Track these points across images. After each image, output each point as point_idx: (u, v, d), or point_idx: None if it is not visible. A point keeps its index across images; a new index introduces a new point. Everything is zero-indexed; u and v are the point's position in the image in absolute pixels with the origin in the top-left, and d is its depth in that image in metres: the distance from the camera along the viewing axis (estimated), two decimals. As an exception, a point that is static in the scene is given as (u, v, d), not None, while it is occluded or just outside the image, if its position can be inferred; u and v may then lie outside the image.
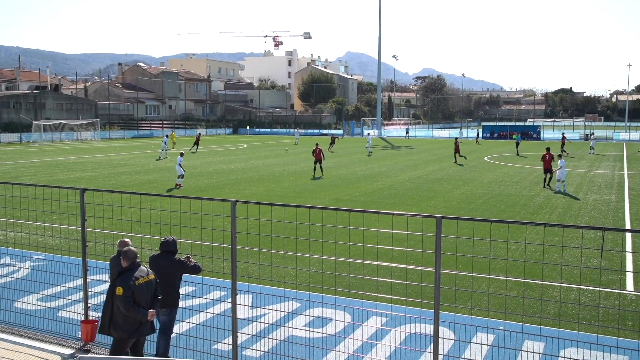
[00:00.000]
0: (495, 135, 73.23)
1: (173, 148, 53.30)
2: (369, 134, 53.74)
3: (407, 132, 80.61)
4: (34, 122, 64.43)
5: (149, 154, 47.15)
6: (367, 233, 14.04)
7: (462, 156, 38.72)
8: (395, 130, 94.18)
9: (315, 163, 30.68)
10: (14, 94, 76.27)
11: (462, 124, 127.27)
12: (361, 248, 12.58)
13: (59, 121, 67.08)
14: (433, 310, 6.36)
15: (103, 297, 9.70)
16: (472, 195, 22.94)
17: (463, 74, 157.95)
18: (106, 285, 8.07)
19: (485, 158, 42.49)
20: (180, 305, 7.67)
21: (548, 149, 26.41)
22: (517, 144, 47.05)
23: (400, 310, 9.20)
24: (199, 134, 54.37)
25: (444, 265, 11.25)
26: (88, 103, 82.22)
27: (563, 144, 47.69)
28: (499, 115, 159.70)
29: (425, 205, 20.39)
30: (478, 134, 67.89)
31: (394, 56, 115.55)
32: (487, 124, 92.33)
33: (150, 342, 8.02)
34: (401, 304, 9.45)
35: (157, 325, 7.57)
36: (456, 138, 45.06)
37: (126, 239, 7.83)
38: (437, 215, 6.24)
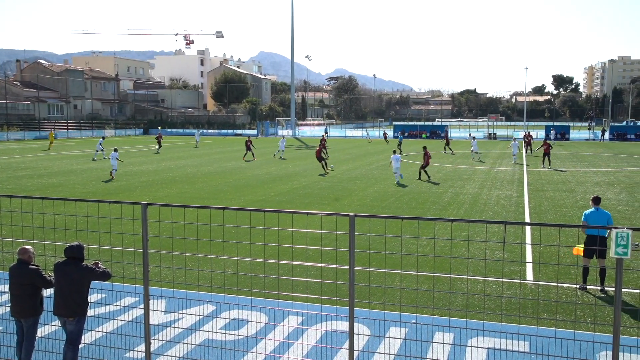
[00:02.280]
0: (406, 134, 75.56)
1: (49, 149, 51.95)
2: (283, 137, 51.70)
3: (325, 132, 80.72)
4: None
5: (52, 155, 44.71)
6: (282, 233, 14.06)
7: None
8: (309, 130, 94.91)
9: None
10: None
11: (374, 124, 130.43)
12: (276, 248, 12.58)
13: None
14: (348, 307, 6.47)
15: (4, 309, 9.11)
16: (384, 193, 23.55)
17: (374, 75, 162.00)
18: (6, 296, 7.58)
19: (397, 157, 43.68)
20: (88, 313, 7.34)
21: (425, 147, 29.24)
22: (400, 144, 49.25)
23: (316, 309, 9.29)
24: (160, 133, 54.58)
25: (357, 263, 11.51)
26: (-17, 102, 76.79)
27: (529, 143, 48.59)
28: (409, 115, 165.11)
29: (340, 204, 20.69)
30: (385, 133, 69.71)
31: (307, 56, 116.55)
32: (398, 123, 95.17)
33: (57, 354, 7.62)
34: (317, 303, 9.55)
35: (65, 335, 7.22)
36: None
37: (27, 246, 7.41)
38: (350, 214, 6.35)
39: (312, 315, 9.04)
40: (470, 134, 42.80)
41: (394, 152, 30.65)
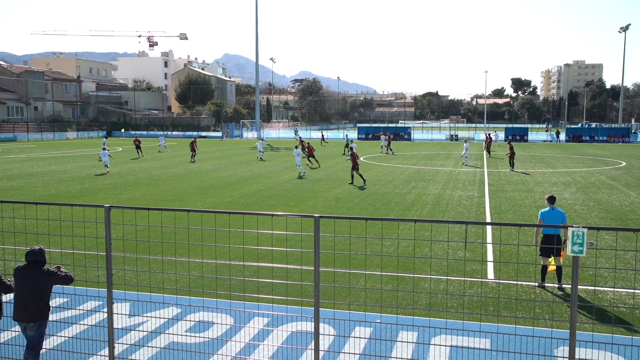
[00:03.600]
0: (370, 136, 76.12)
1: None
2: (262, 139, 51.35)
3: (296, 133, 79.65)
4: None
5: (12, 158, 43.44)
6: (247, 235, 14.00)
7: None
8: (274, 131, 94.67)
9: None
10: None
11: (338, 126, 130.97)
12: (242, 250, 12.51)
13: None
14: (313, 308, 6.48)
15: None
16: (349, 194, 23.66)
17: (338, 77, 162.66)
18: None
19: (361, 158, 44.01)
20: (50, 318, 7.16)
21: (352, 149, 29.75)
22: (347, 145, 49.70)
23: (282, 310, 9.27)
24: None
25: (323, 264, 11.53)
26: (-62, 103, 74.09)
27: (489, 144, 49.22)
28: (373, 117, 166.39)
29: (305, 206, 20.70)
30: (323, 136, 70.29)
31: (271, 59, 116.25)
32: (362, 125, 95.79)
33: (17, 361, 7.41)
34: (282, 304, 9.53)
35: (25, 341, 7.02)
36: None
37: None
38: (315, 215, 6.37)
39: (278, 317, 9.02)
40: (466, 140, 43.23)
41: (296, 147, 33.79)
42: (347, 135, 57.02)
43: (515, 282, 11.32)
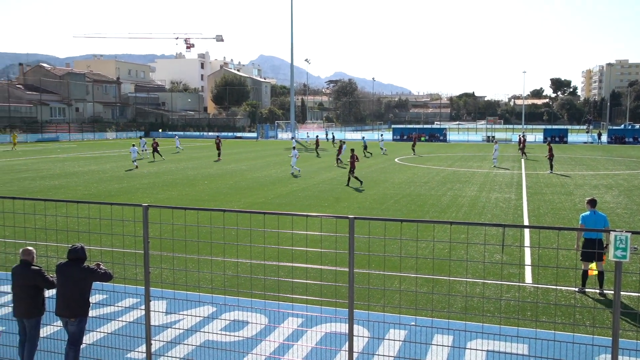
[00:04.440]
0: (405, 137, 75.61)
1: (13, 148, 55.77)
2: (293, 138, 53.55)
3: (326, 135, 78.65)
4: None
5: (54, 158, 44.70)
6: (282, 235, 14.06)
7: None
8: (309, 132, 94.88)
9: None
10: None
11: (373, 127, 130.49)
12: (276, 250, 12.58)
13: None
14: (347, 309, 6.47)
15: (6, 310, 9.09)
16: (383, 196, 23.54)
17: (373, 78, 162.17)
18: (9, 297, 7.58)
19: (396, 159, 43.76)
20: (90, 314, 7.34)
21: (352, 150, 28.68)
22: (365, 147, 49.24)
23: (316, 311, 9.28)
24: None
25: (357, 265, 11.50)
26: (-15, 104, 76.81)
27: (524, 145, 48.45)
28: (408, 118, 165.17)
29: (339, 207, 20.69)
30: (333, 136, 69.54)
31: (306, 60, 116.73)
32: (397, 126, 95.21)
33: (58, 355, 7.61)
34: (316, 304, 9.54)
35: (66, 336, 7.21)
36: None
37: (30, 248, 7.41)
38: (350, 216, 6.35)
39: (312, 317, 9.04)
40: (496, 142, 42.34)
41: (294, 148, 35.14)
42: (363, 137, 57.05)
43: (554, 287, 11.07)
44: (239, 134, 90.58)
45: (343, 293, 10.07)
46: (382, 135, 62.05)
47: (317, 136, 55.18)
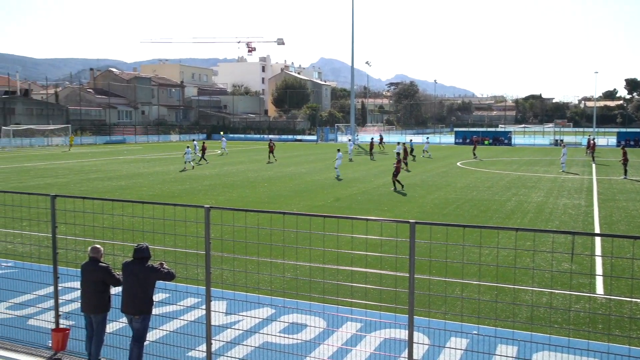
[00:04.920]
0: (467, 141, 74.14)
1: (69, 150, 59.64)
2: (350, 140, 54.54)
3: (381, 140, 77.39)
4: (2, 127, 63.10)
5: (121, 159, 46.52)
6: (342, 239, 14.05)
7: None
8: (369, 136, 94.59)
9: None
10: (-19, 99, 74.59)
11: (434, 130, 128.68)
12: (336, 254, 12.58)
13: (29, 126, 65.83)
14: (407, 315, 6.38)
15: (74, 305, 9.52)
16: (445, 200, 23.15)
17: (435, 80, 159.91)
18: (77, 293, 7.93)
19: (458, 163, 42.97)
20: (153, 312, 7.57)
21: (398, 155, 27.97)
22: (412, 150, 47.84)
23: (375, 316, 9.21)
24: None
25: (417, 271, 11.33)
26: (59, 108, 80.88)
27: (593, 149, 47.01)
28: (471, 121, 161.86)
29: (399, 211, 20.49)
30: (381, 137, 68.20)
31: (367, 62, 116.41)
32: (459, 129, 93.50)
33: (123, 350, 7.89)
34: (376, 310, 9.47)
35: (131, 332, 7.47)
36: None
37: (98, 246, 7.72)
38: (410, 221, 6.27)
39: (371, 322, 8.98)
40: (564, 145, 40.84)
41: (338, 150, 34.41)
42: (410, 140, 56.44)
43: (628, 299, 10.54)
44: (299, 137, 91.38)
45: (403, 299, 9.95)
46: (427, 138, 61.16)
47: (372, 139, 54.92)
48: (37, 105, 78.43)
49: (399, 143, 43.04)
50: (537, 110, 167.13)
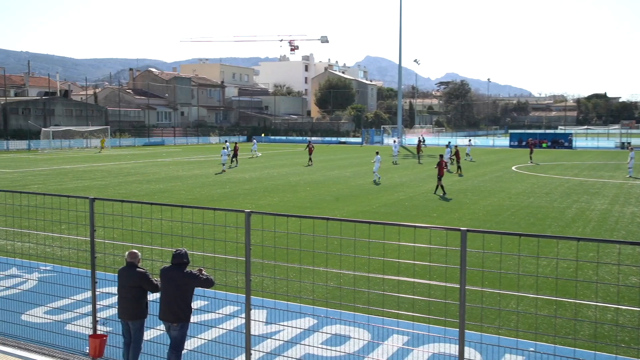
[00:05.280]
0: (524, 143, 72.65)
1: (100, 151, 61.99)
2: (394, 141, 54.74)
3: (422, 141, 74.85)
4: (42, 128, 65.44)
5: (160, 162, 47.55)
6: (388, 246, 13.97)
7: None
8: (417, 138, 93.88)
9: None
10: (22, 100, 77.59)
11: (487, 132, 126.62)
12: (381, 262, 12.51)
13: (68, 128, 68.07)
14: (458, 329, 6.29)
15: (112, 311, 9.76)
16: (499, 207, 22.74)
17: (489, 79, 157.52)
18: (115, 298, 8.13)
19: (513, 167, 42.15)
20: (191, 320, 7.68)
21: (441, 156, 28.15)
22: (455, 153, 46.79)
23: (423, 329, 9.11)
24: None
25: (469, 282, 11.15)
26: (98, 109, 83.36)
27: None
28: (528, 122, 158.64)
29: (449, 218, 20.24)
30: (421, 139, 66.71)
31: (415, 60, 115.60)
32: (515, 131, 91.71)
33: (161, 358, 8.03)
34: (424, 322, 9.36)
35: (169, 340, 7.60)
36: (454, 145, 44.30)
37: (135, 250, 7.89)
38: (462, 228, 6.18)
39: (419, 336, 8.88)
40: (631, 148, 39.48)
41: (377, 153, 33.79)
42: (449, 142, 55.63)
43: (703, 317, 10.10)
44: (343, 139, 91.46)
45: (453, 311, 9.81)
46: (470, 140, 60.14)
47: (419, 140, 54.32)
48: (76, 106, 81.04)
49: (448, 144, 42.55)
50: (601, 110, 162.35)
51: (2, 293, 11.00)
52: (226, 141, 53.06)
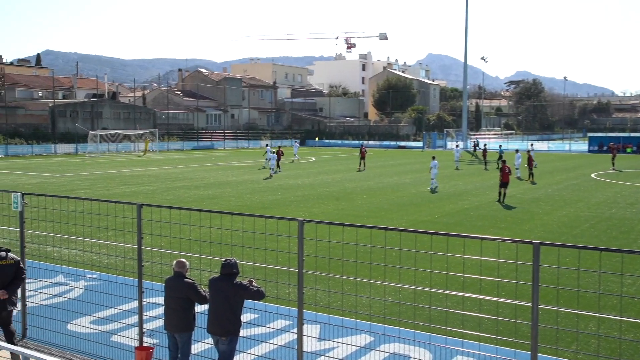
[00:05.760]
0: (605, 148, 70.37)
1: (144, 154, 64.24)
2: (457, 145, 54.52)
3: (476, 145, 72.88)
4: (90, 132, 67.81)
5: (208, 167, 48.47)
6: (452, 259, 13.77)
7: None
8: (483, 142, 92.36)
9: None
10: (70, 103, 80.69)
11: (563, 135, 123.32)
12: (444, 276, 12.35)
13: (116, 131, 70.28)
14: (529, 352, 6.14)
15: (159, 322, 9.99)
16: (576, 218, 22.10)
17: (565, 77, 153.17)
18: (162, 309, 8.31)
19: (592, 175, 40.90)
20: (241, 334, 7.77)
21: (504, 162, 27.82)
22: (500, 157, 45.50)
23: (490, 351, 8.93)
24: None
25: (542, 300, 10.87)
26: (146, 112, 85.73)
27: None
28: (609, 125, 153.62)
29: (520, 229, 19.82)
30: (476, 143, 64.72)
31: (482, 58, 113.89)
32: (595, 134, 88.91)
33: (208, 375, 8.16)
34: (491, 343, 9.17)
35: (217, 354, 7.71)
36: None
37: (183, 260, 8.06)
38: (534, 241, 6.04)
39: (485, 357, 8.70)
40: None
41: (433, 157, 33.30)
42: (500, 146, 54.16)
43: None
44: (402, 143, 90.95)
45: (524, 332, 9.57)
46: (531, 145, 58.46)
47: (484, 145, 53.43)
48: (124, 109, 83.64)
49: (517, 151, 41.67)
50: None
51: (49, 301, 11.43)
52: (267, 145, 53.62)
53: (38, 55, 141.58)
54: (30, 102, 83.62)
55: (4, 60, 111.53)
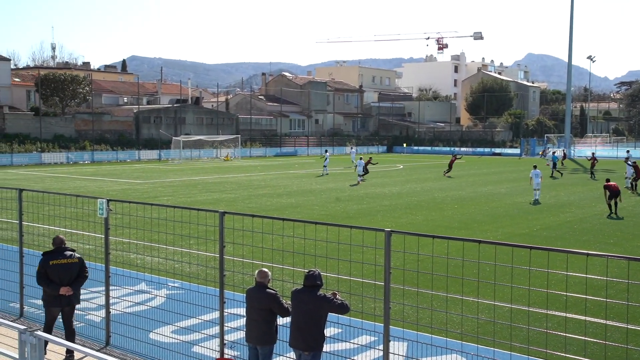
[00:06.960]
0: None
1: (226, 159, 68.79)
2: (554, 152, 52.94)
3: (564, 156, 68.45)
4: (173, 137, 70.29)
5: (291, 174, 49.10)
6: (553, 276, 13.31)
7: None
8: (589, 149, 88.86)
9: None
10: (154, 108, 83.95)
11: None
12: (544, 295, 11.94)
13: (199, 137, 72.51)
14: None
15: (240, 334, 10.18)
16: (696, 234, 20.85)
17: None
18: (243, 320, 8.46)
19: None
20: (324, 348, 7.79)
21: (607, 180, 26.41)
22: (554, 164, 47.27)
23: (597, 378, 8.55)
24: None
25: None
26: (229, 117, 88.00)
27: None
28: None
29: (630, 246, 18.93)
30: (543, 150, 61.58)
31: (589, 57, 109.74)
32: None
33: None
34: (598, 370, 8.78)
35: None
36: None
37: (265, 270, 8.17)
38: (650, 258, 5.72)
39: (591, 386, 8.34)
40: None
41: (535, 166, 32.41)
42: (628, 150, 51.21)
43: None
44: (497, 150, 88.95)
45: (637, 358, 9.10)
46: (628, 151, 55.09)
47: (592, 154, 51.70)
48: (207, 114, 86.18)
49: (627, 159, 39.71)
50: None
51: (132, 309, 11.89)
52: (326, 150, 53.65)
53: (124, 61, 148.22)
54: (116, 108, 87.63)
55: (92, 67, 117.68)
